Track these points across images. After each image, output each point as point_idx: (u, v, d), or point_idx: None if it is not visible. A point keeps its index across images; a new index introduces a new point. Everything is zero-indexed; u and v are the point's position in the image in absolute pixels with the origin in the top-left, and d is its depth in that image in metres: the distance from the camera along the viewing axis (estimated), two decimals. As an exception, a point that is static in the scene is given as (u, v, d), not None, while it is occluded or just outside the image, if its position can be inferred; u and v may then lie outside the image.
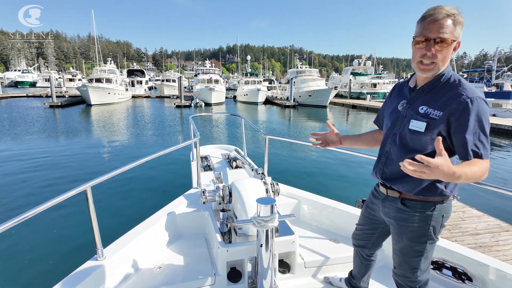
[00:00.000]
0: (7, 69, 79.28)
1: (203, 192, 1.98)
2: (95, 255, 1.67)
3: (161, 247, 2.13)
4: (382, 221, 1.50)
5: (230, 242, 1.81)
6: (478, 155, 1.12)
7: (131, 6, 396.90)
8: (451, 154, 1.21)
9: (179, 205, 2.36)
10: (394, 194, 1.35)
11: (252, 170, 2.63)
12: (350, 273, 1.84)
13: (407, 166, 1.00)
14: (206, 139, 12.76)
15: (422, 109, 1.24)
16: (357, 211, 2.38)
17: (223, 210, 2.00)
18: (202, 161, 3.62)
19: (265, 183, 2.07)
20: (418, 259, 1.34)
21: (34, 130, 14.48)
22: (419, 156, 0.99)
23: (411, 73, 1.44)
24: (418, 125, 1.22)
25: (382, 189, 1.43)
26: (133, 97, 40.36)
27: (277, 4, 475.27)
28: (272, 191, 2.07)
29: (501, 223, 4.65)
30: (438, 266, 1.90)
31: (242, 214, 1.77)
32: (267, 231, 1.45)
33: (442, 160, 0.98)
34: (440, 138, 1.01)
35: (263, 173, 2.39)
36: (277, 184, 2.13)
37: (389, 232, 1.50)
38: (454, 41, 1.17)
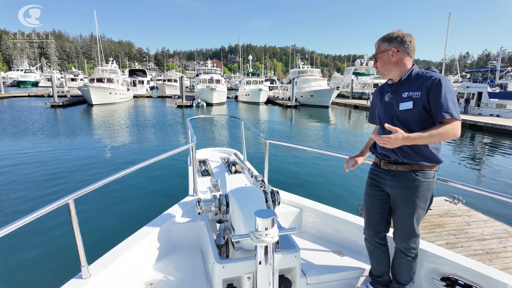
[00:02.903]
0: (10, 69, 79.52)
1: (198, 202, 1.86)
2: (80, 273, 1.55)
3: (153, 262, 1.99)
4: (389, 196, 1.78)
5: (227, 255, 1.70)
6: (450, 115, 1.51)
7: (133, 6, 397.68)
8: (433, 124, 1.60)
9: (174, 215, 2.22)
10: (405, 168, 1.66)
11: (252, 176, 2.50)
12: (372, 274, 1.91)
13: (376, 139, 1.60)
14: (206, 141, 12.44)
15: (404, 94, 1.65)
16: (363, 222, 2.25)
17: (219, 221, 1.88)
18: (200, 166, 3.49)
19: (265, 192, 1.95)
20: (417, 224, 1.69)
21: (33, 131, 14.45)
22: (386, 126, 1.56)
23: None
24: (406, 105, 1.62)
25: (390, 166, 1.72)
26: (135, 97, 40.37)
27: (278, 3, 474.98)
28: (272, 201, 1.95)
29: (508, 228, 4.52)
30: (451, 283, 1.77)
31: (240, 226, 1.65)
32: (266, 246, 1.34)
33: (396, 133, 1.52)
34: (388, 125, 1.56)
35: (263, 181, 2.26)
36: (278, 193, 2.01)
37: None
38: (381, 52, 1.71)
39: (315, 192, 6.96)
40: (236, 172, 3.31)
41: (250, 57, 58.71)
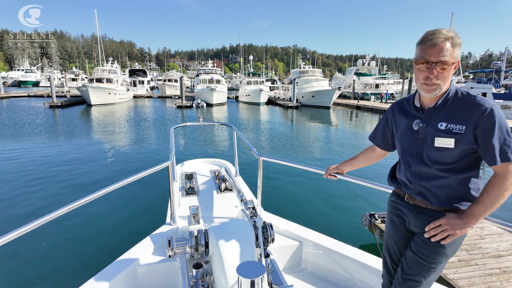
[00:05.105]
0: (11, 69, 79.51)
1: (169, 241, 1.50)
2: None
3: None
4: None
5: None
6: (506, 158, 1.17)
7: (135, 6, 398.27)
8: (476, 165, 1.28)
9: (143, 251, 1.83)
10: (436, 207, 1.32)
11: (241, 201, 2.08)
12: None
13: (437, 239, 1.24)
14: (196, 149, 11.35)
15: (441, 125, 1.26)
16: (377, 261, 1.86)
17: (197, 266, 1.51)
18: (185, 182, 3.09)
19: (255, 226, 1.57)
20: (432, 281, 1.35)
21: (28, 132, 14.15)
22: (428, 227, 1.27)
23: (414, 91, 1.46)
24: (445, 142, 1.24)
25: (417, 201, 1.37)
26: (135, 97, 40.12)
27: (280, 3, 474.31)
28: (264, 238, 1.57)
29: (525, 243, 4.17)
30: None
31: (220, 276, 1.30)
32: None
33: (449, 218, 1.24)
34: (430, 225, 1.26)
35: (254, 208, 1.85)
36: (271, 228, 1.62)
37: None
38: (454, 63, 1.21)
39: (318, 219, 5.71)
40: (226, 189, 2.91)
41: (251, 57, 58.34)
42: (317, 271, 2.07)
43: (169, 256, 1.51)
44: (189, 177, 3.16)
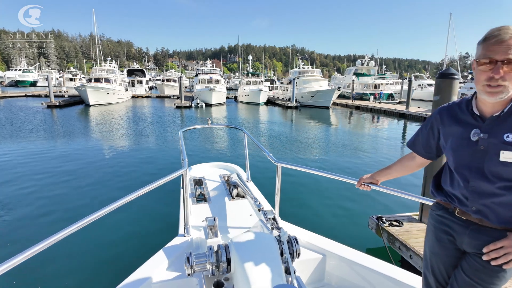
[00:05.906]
0: (8, 68, 78.96)
1: (188, 258, 1.40)
2: None
3: None
4: (465, 253, 1.28)
5: None
6: None
7: (133, 6, 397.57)
8: None
9: (157, 267, 1.72)
10: (494, 225, 1.18)
11: (259, 210, 1.92)
12: None
13: (498, 263, 1.10)
14: (203, 152, 10.88)
15: (508, 137, 1.11)
16: (408, 276, 1.73)
17: (217, 285, 1.42)
18: (195, 188, 2.95)
19: (279, 240, 1.44)
20: None
21: (24, 132, 14.00)
22: (488, 248, 1.12)
23: (465, 95, 1.32)
24: None
25: (471, 217, 1.23)
26: (133, 97, 39.93)
27: (278, 3, 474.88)
28: (290, 253, 1.44)
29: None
30: None
31: None
32: None
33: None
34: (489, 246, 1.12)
35: (274, 219, 1.71)
36: (297, 242, 1.50)
37: None
38: None
39: (341, 229, 5.22)
40: (238, 196, 2.77)
41: (250, 57, 58.12)
42: (342, 286, 1.95)
43: (188, 275, 1.41)
44: (198, 182, 3.03)
